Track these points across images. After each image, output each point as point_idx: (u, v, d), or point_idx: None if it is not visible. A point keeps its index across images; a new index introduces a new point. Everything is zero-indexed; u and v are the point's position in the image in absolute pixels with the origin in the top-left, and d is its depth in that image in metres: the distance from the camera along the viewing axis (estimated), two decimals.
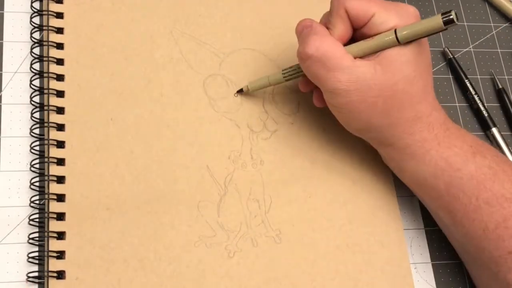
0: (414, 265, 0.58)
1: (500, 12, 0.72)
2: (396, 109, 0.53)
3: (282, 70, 0.57)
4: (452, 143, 0.54)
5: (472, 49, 0.69)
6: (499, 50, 0.70)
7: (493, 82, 0.68)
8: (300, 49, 0.53)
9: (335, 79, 0.52)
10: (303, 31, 0.54)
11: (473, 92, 0.66)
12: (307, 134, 0.60)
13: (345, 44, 0.53)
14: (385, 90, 0.52)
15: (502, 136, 0.65)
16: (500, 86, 0.67)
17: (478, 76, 0.68)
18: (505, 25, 0.71)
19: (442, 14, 0.49)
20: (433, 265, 0.59)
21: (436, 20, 0.49)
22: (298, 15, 0.64)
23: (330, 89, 0.52)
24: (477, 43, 0.70)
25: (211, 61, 0.61)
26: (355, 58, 0.52)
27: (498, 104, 0.68)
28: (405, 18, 0.52)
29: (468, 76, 0.67)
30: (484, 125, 0.66)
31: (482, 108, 0.66)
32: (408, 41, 0.51)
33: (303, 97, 0.61)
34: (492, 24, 0.71)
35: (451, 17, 0.49)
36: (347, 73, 0.51)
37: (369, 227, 0.58)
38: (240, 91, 0.60)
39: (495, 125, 0.65)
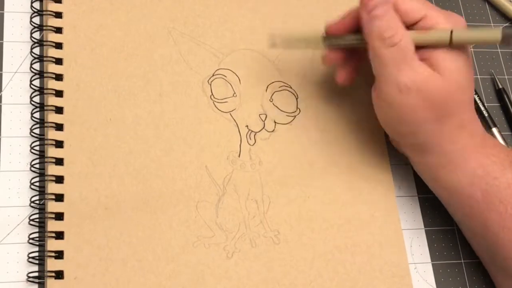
0: (414, 265, 0.58)
1: (500, 12, 0.72)
2: (445, 116, 0.53)
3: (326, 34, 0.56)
4: (489, 152, 0.54)
5: (472, 49, 0.69)
6: (499, 50, 0.70)
7: (493, 82, 0.68)
8: (388, 33, 0.52)
9: (404, 74, 0.51)
10: (379, 7, 0.52)
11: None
12: (306, 135, 0.60)
13: None
14: (441, 95, 0.52)
15: (502, 136, 0.65)
16: (500, 86, 0.67)
17: (478, 76, 0.68)
18: (505, 25, 0.71)
19: (504, 32, 0.49)
20: (433, 265, 0.59)
21: (495, 34, 0.49)
22: (297, 14, 0.65)
23: (397, 82, 0.52)
24: None
25: (210, 61, 0.61)
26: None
27: (498, 104, 0.67)
28: (454, 25, 0.52)
29: None
30: (484, 125, 0.66)
31: (482, 108, 0.66)
32: (457, 46, 0.52)
33: (302, 97, 0.61)
34: (492, 24, 0.71)
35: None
36: (413, 70, 0.51)
37: (368, 228, 0.58)
38: (272, 46, 0.58)
39: (495, 125, 0.65)
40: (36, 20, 0.59)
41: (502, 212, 0.53)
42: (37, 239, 0.53)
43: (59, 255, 0.52)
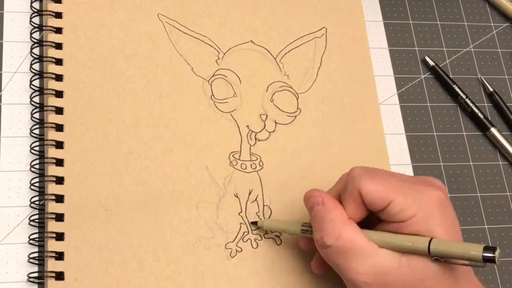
0: None
1: (500, 12, 0.72)
2: None
3: (302, 225, 0.52)
4: None
5: (472, 49, 0.69)
6: (499, 50, 0.70)
7: (488, 84, 0.68)
8: (317, 236, 0.48)
9: (355, 271, 0.47)
10: (314, 208, 0.49)
11: (464, 97, 0.66)
12: (306, 135, 0.60)
13: (360, 224, 0.49)
14: (406, 286, 0.46)
15: (503, 135, 0.65)
16: (491, 89, 0.67)
17: (479, 76, 0.68)
18: (505, 25, 0.71)
19: (485, 248, 0.43)
20: None
21: (476, 251, 0.43)
22: (298, 14, 0.65)
23: (350, 280, 0.48)
24: (477, 43, 0.69)
25: (211, 61, 0.61)
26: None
27: (491, 104, 0.68)
28: (425, 207, 0.47)
29: (469, 76, 0.67)
30: (481, 127, 0.66)
31: (476, 110, 0.65)
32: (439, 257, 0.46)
33: (303, 97, 0.61)
34: (492, 24, 0.71)
35: (492, 255, 0.42)
36: (368, 264, 0.47)
37: None
38: (254, 223, 0.56)
39: (492, 125, 0.65)
40: (36, 20, 0.59)
41: None
42: (37, 239, 0.53)
43: (60, 256, 0.52)
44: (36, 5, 0.60)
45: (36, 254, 0.52)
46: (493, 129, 0.65)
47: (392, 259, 0.47)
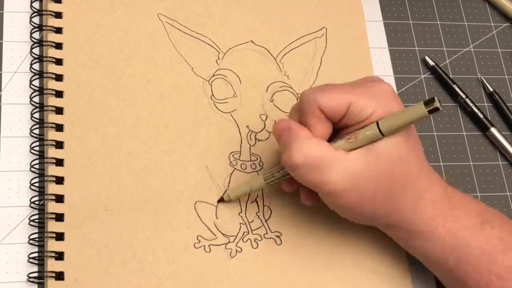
0: (414, 266, 0.58)
1: (500, 12, 0.72)
2: (397, 194, 0.50)
3: (263, 174, 0.54)
4: (458, 215, 0.52)
5: (472, 49, 0.69)
6: (499, 50, 0.70)
7: (488, 84, 0.68)
8: (286, 158, 0.50)
9: (331, 182, 0.49)
10: (281, 135, 0.51)
11: (464, 96, 0.66)
12: None
13: (329, 139, 0.51)
14: (383, 179, 0.49)
15: (502, 135, 0.65)
16: (491, 89, 0.67)
17: (479, 76, 0.68)
18: (505, 25, 0.71)
19: (425, 102, 0.46)
20: None
21: (420, 110, 0.46)
22: (298, 14, 0.65)
23: (328, 192, 0.50)
24: (477, 43, 0.69)
25: (211, 61, 0.61)
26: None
27: (491, 104, 0.68)
28: (382, 100, 0.49)
29: (469, 76, 0.67)
30: (481, 127, 0.66)
31: (476, 110, 0.65)
32: (391, 133, 0.48)
33: None
34: (492, 24, 0.71)
35: (435, 105, 0.46)
36: (341, 170, 0.49)
37: (370, 229, 0.58)
38: (221, 200, 0.56)
39: (492, 125, 0.65)
40: (36, 20, 0.59)
41: (478, 280, 0.51)
42: (37, 239, 0.53)
43: (60, 256, 0.52)
44: (36, 5, 0.60)
45: (36, 254, 0.52)
46: (493, 129, 0.65)
47: (360, 158, 0.49)
